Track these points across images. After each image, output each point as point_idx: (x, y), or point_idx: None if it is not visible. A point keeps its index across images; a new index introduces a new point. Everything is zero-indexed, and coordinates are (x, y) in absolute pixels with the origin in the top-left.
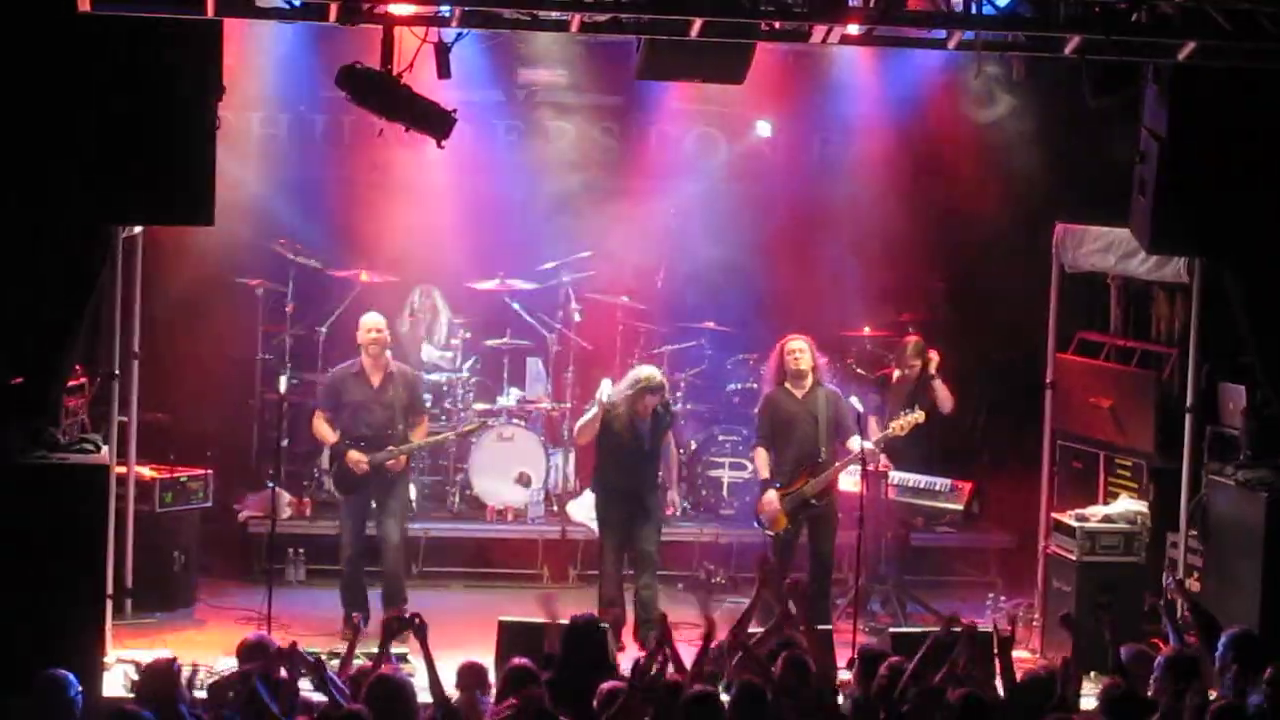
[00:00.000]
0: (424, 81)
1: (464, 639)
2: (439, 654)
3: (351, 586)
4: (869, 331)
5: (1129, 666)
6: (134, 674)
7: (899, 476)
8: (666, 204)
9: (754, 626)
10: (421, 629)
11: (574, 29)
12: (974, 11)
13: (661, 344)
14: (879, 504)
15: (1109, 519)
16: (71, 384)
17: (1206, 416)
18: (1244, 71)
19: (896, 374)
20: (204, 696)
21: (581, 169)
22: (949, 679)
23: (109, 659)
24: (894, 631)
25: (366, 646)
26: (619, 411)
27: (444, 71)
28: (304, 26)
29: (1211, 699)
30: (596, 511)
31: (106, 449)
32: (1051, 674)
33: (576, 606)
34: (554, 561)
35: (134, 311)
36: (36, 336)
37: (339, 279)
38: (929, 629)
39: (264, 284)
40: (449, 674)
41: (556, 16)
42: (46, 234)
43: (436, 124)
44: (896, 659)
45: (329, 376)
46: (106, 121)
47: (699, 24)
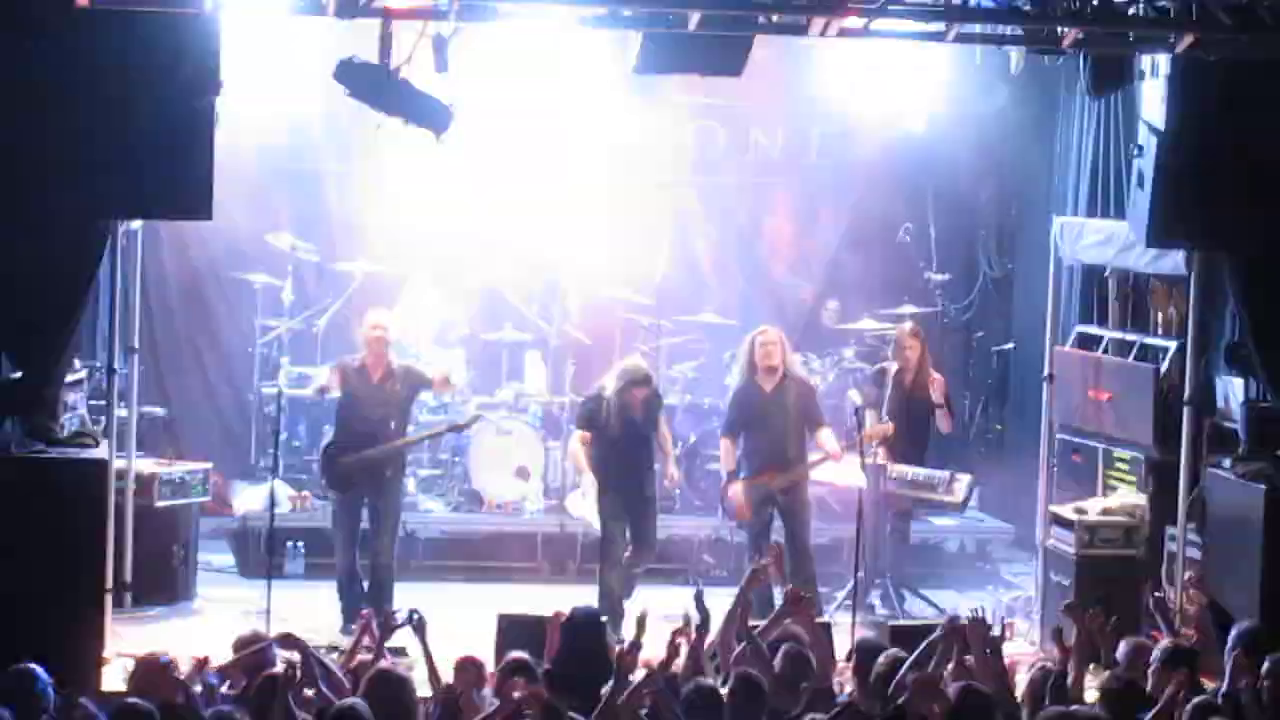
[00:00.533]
0: (421, 75)
1: (462, 633)
2: (438, 648)
3: (349, 584)
4: (867, 325)
5: (1128, 659)
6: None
7: (897, 469)
8: (665, 197)
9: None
10: (421, 625)
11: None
12: (972, 4)
13: (660, 338)
14: (877, 497)
15: (1108, 512)
16: (70, 378)
17: (1205, 409)
18: (1243, 64)
19: (894, 367)
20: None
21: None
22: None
23: (108, 653)
24: (892, 625)
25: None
26: (610, 408)
27: (442, 65)
28: (301, 20)
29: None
30: (598, 505)
31: (105, 443)
32: (1048, 671)
33: (577, 600)
34: (553, 555)
35: (133, 305)
36: (34, 331)
37: (337, 272)
38: (928, 622)
39: (262, 277)
40: (447, 669)
41: (555, 11)
42: (45, 228)
43: (434, 118)
44: (895, 651)
45: (337, 363)
46: (105, 115)
47: (697, 17)
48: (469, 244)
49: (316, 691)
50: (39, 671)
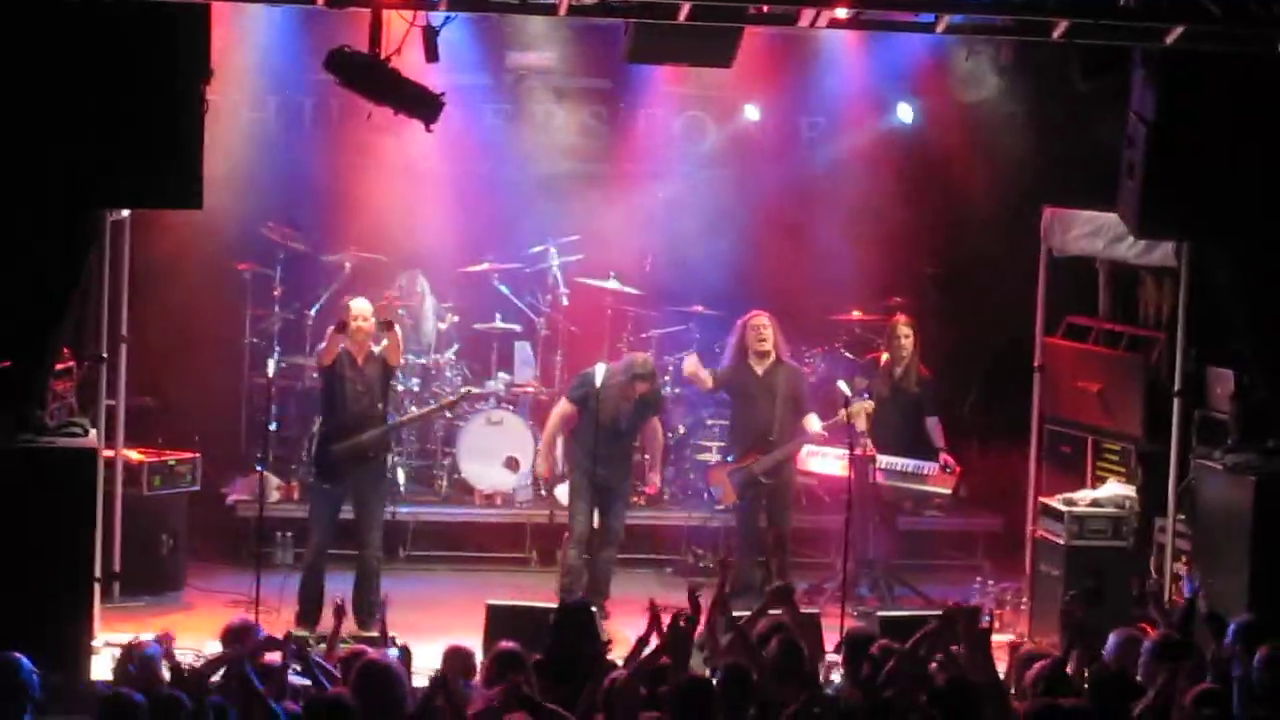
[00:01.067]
0: (412, 65)
1: (451, 623)
2: (427, 638)
3: (314, 576)
4: (858, 315)
5: (1117, 651)
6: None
7: (886, 460)
8: (655, 187)
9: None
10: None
11: (562, 12)
12: None
13: (650, 328)
14: (866, 488)
15: (1097, 503)
16: (59, 368)
17: (1194, 400)
18: (1232, 56)
19: (885, 357)
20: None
21: (570, 152)
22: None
23: (97, 643)
24: (882, 615)
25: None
26: (608, 395)
27: (432, 55)
28: (292, 9)
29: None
30: (569, 485)
31: (94, 433)
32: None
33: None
34: (542, 546)
35: (122, 295)
36: (24, 320)
37: (327, 262)
38: (917, 612)
39: (252, 267)
40: (435, 659)
41: (545, 0)
42: (34, 217)
43: (425, 107)
44: (886, 641)
45: (338, 330)
46: (94, 105)
47: (687, 8)
48: (458, 233)
49: (314, 682)
50: (23, 660)
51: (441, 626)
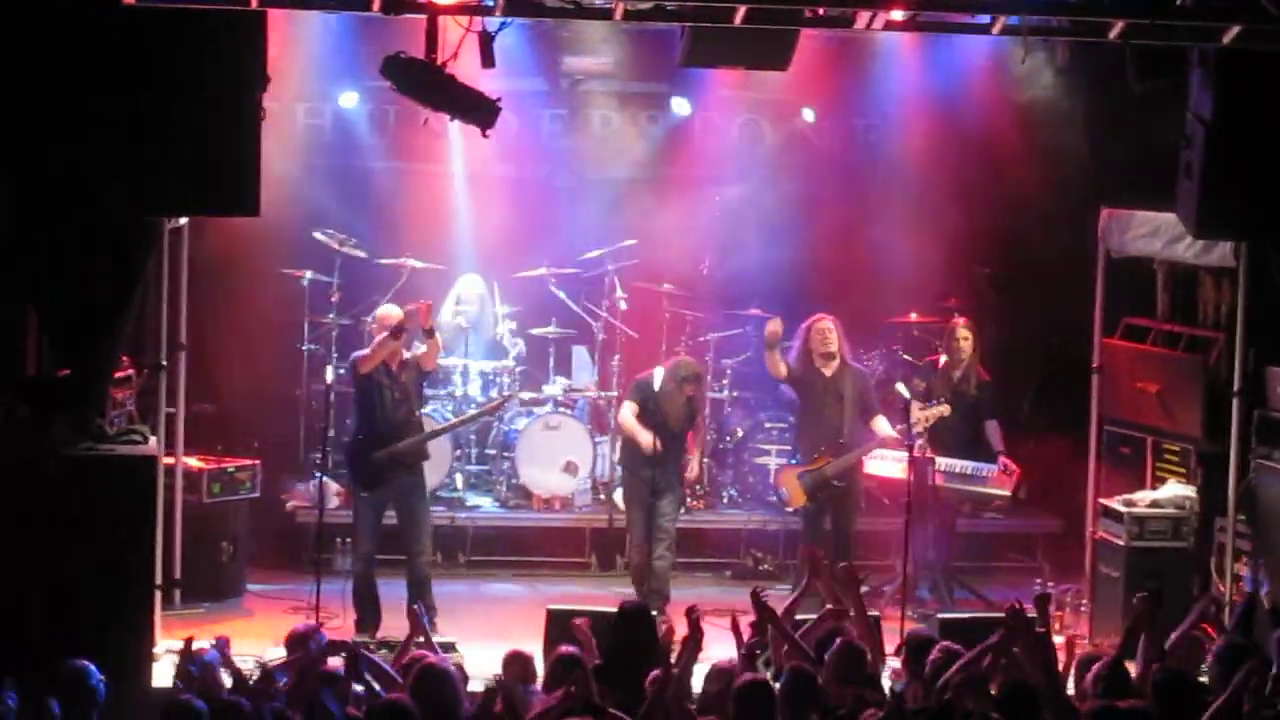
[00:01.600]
0: (468, 71)
1: (511, 628)
2: (487, 643)
3: (365, 585)
4: (915, 317)
5: (1178, 652)
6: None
7: (945, 463)
8: (711, 191)
9: (800, 614)
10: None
11: (618, 17)
12: None
13: (707, 331)
14: (925, 490)
15: (1157, 504)
16: (118, 375)
17: (1254, 401)
18: None
19: (943, 359)
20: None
21: (626, 157)
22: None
23: (158, 649)
24: (942, 617)
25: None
26: (664, 399)
27: (488, 61)
28: (348, 16)
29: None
30: (622, 488)
31: (154, 440)
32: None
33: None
34: (601, 550)
35: (180, 302)
36: (83, 328)
37: (385, 268)
38: (977, 615)
39: (310, 274)
40: (495, 664)
41: (600, 4)
42: (92, 226)
43: (481, 113)
44: (947, 644)
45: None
46: (152, 113)
47: (743, 11)
48: (514, 238)
49: (366, 688)
50: (91, 668)
51: (501, 631)
